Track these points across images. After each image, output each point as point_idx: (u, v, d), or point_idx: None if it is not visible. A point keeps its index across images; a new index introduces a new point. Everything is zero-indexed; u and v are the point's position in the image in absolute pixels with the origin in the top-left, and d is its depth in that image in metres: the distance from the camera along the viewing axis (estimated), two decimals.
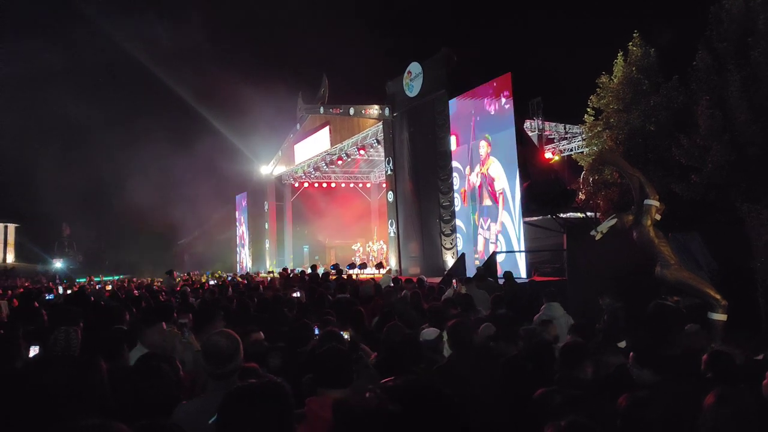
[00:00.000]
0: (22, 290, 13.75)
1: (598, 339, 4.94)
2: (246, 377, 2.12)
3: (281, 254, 26.71)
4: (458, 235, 14.46)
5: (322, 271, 14.62)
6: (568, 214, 12.97)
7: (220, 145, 31.36)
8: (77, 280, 26.79)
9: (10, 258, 43.97)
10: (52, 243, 41.94)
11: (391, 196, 17.75)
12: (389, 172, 17.81)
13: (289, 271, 16.20)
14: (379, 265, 17.82)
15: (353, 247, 24.36)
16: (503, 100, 12.73)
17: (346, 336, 4.09)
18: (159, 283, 16.73)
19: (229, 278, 19.44)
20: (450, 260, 14.52)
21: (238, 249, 31.84)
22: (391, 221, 17.67)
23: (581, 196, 11.67)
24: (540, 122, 18.69)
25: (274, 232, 27.08)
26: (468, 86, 13.89)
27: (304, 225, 27.44)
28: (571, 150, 19.64)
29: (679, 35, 12.39)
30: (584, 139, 16.61)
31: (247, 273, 24.19)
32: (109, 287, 14.65)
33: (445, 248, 14.98)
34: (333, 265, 17.00)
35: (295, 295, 7.19)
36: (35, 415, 2.07)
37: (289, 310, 5.83)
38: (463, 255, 13.47)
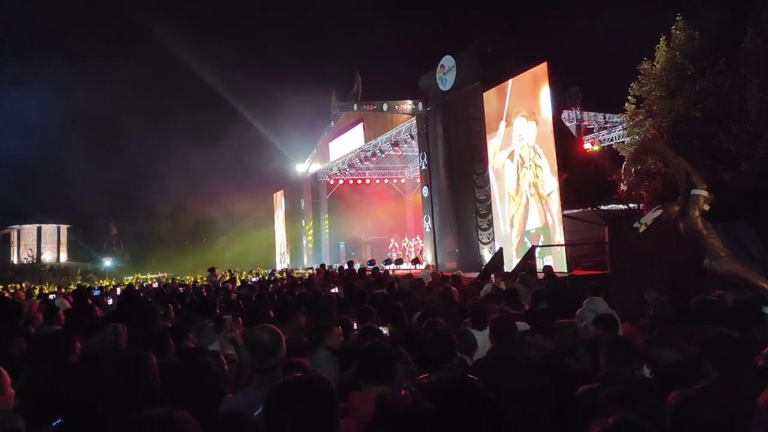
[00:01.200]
0: (74, 287, 14.41)
1: (651, 333, 4.78)
2: (291, 371, 2.16)
3: (318, 251, 27.04)
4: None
5: (359, 267, 14.72)
6: (609, 206, 12.62)
7: (258, 144, 32.13)
8: (125, 278, 27.91)
9: (64, 257, 46.13)
10: (101, 242, 43.80)
11: (426, 191, 17.68)
12: (424, 167, 17.74)
13: (326, 268, 16.38)
14: (415, 261, 17.81)
15: (389, 244, 24.44)
16: (540, 90, 12.46)
17: (385, 331, 4.11)
18: (202, 280, 17.21)
19: (269, 274, 19.81)
20: (487, 255, 14.37)
21: (276, 246, 32.40)
22: (427, 216, 17.61)
23: (623, 187, 11.36)
24: (578, 112, 18.24)
25: (310, 229, 27.44)
26: (503, 77, 13.66)
27: (339, 221, 27.68)
28: (612, 140, 19.11)
29: (726, 17, 11.83)
30: (625, 129, 16.13)
31: (286, 269, 24.60)
32: (155, 285, 15.17)
33: (482, 243, 14.82)
34: (369, 261, 17.12)
35: (333, 291, 7.26)
36: (94, 405, 2.17)
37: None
38: (500, 249, 13.30)
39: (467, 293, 7.51)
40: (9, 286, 23.99)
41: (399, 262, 18.69)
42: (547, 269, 9.15)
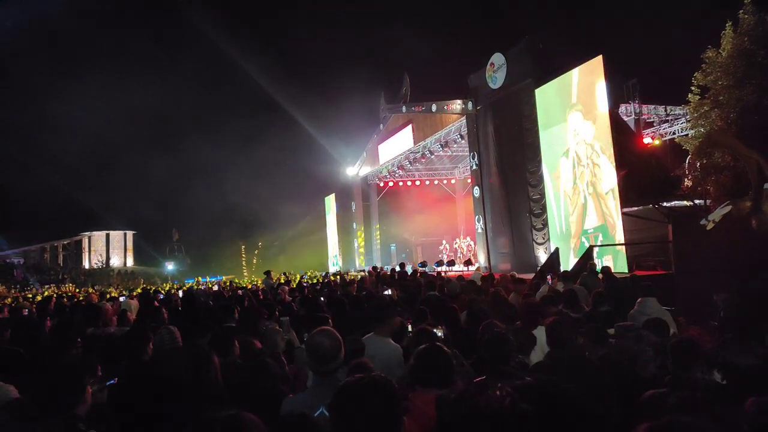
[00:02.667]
0: (140, 290, 15.21)
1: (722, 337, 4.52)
2: (355, 372, 2.20)
3: (369, 253, 27.27)
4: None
5: (410, 269, 14.72)
6: (672, 203, 12.02)
7: (310, 149, 32.88)
8: (186, 281, 29.18)
9: (130, 262, 48.79)
10: (164, 247, 46.02)
11: (477, 191, 17.47)
12: (474, 167, 17.54)
13: (378, 270, 16.49)
14: (468, 262, 17.60)
15: (441, 245, 24.29)
16: (595, 84, 12.05)
17: (439, 333, 4.09)
18: (259, 283, 17.73)
19: (323, 276, 20.16)
20: (542, 255, 14.02)
21: (328, 249, 32.92)
22: (479, 217, 17.40)
23: (687, 182, 10.79)
24: (637, 105, 17.49)
25: (361, 231, 27.71)
26: (556, 73, 13.31)
27: (390, 224, 27.78)
28: (674, 133, 18.22)
29: None
30: (689, 121, 15.31)
31: (339, 272, 24.96)
32: (215, 287, 15.77)
33: (537, 243, 14.47)
34: (421, 263, 17.07)
35: (386, 292, 7.30)
36: (164, 403, 2.29)
37: None
38: (556, 250, 12.95)
39: (521, 295, 7.34)
40: (83, 289, 25.63)
41: (451, 263, 18.53)
42: (606, 270, 8.81)
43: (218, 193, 42.43)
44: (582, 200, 12.64)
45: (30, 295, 18.91)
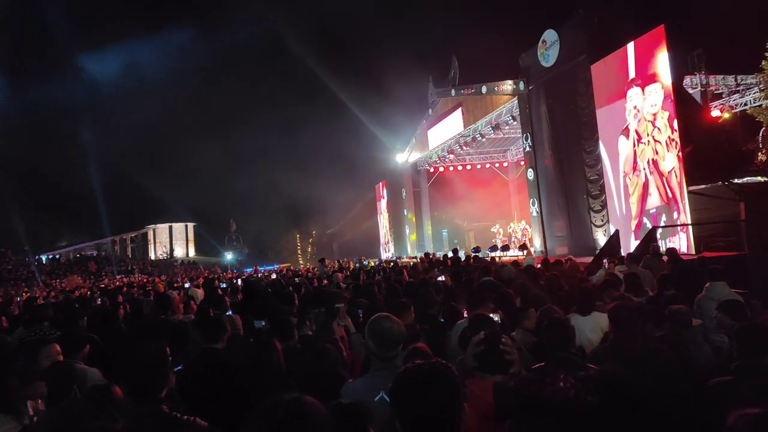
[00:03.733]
0: (202, 279, 15.90)
1: None
2: (413, 358, 2.21)
3: (421, 239, 27.24)
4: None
5: (463, 255, 14.60)
6: (744, 179, 11.26)
7: (360, 137, 33.07)
8: (244, 270, 30.26)
9: (192, 252, 51.07)
10: (223, 238, 47.84)
11: (531, 173, 17.03)
12: (527, 149, 17.09)
13: (430, 256, 16.45)
14: (523, 247, 17.23)
15: (492, 229, 23.89)
16: (657, 56, 11.40)
17: (496, 318, 4.04)
18: (314, 271, 18.13)
19: (376, 263, 20.36)
20: (602, 238, 13.53)
21: (380, 236, 33.16)
22: (533, 200, 16.97)
23: (761, 156, 10.04)
24: (703, 77, 16.43)
25: (413, 218, 27.69)
26: (613, 47, 12.67)
27: (441, 209, 27.60)
28: (745, 104, 17.04)
29: None
30: (762, 90, 14.24)
31: (394, 259, 25.10)
32: (273, 276, 16.24)
33: (596, 225, 13.97)
34: (474, 249, 16.89)
35: (440, 279, 7.28)
36: (235, 386, 2.39)
37: (435, 293, 5.92)
38: (616, 232, 12.46)
39: (575, 280, 7.11)
40: (150, 279, 27.11)
41: (505, 248, 18.21)
42: (671, 252, 8.40)
43: (272, 184, 43.55)
44: (642, 179, 12.06)
45: (103, 285, 20.20)
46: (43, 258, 37.15)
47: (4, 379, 2.59)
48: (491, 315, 4.02)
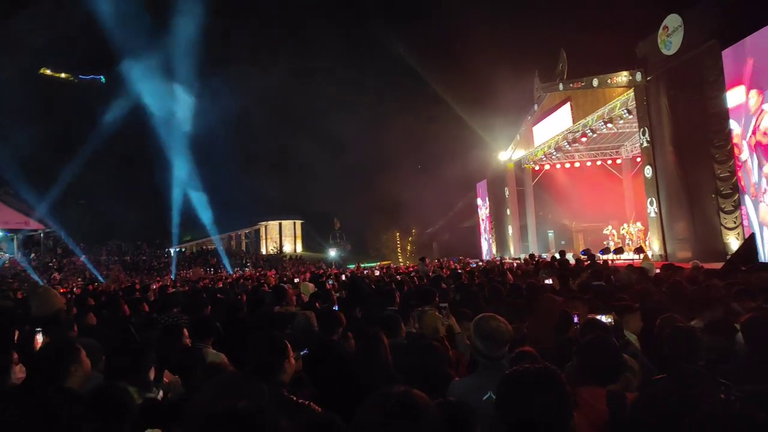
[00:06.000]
0: (309, 275, 16.72)
1: None
2: (520, 360, 2.17)
3: (525, 240, 26.34)
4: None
5: (571, 258, 13.89)
6: None
7: (461, 134, 32.77)
8: (347, 266, 31.32)
9: (299, 248, 53.87)
10: (327, 235, 49.90)
11: (648, 171, 15.76)
12: (645, 144, 15.84)
13: (535, 258, 15.86)
14: (639, 250, 16.01)
15: (605, 230, 22.41)
16: None
17: (608, 320, 3.82)
18: (414, 269, 18.29)
19: (476, 264, 20.06)
20: (734, 242, 12.16)
21: (481, 236, 32.59)
22: (651, 199, 15.69)
23: None
24: None
25: (516, 217, 26.87)
26: (749, 29, 11.31)
27: (547, 209, 26.49)
28: None
29: None
30: None
31: (496, 260, 24.56)
32: (376, 272, 16.63)
33: (726, 228, 12.57)
34: (584, 251, 16.02)
35: (547, 282, 7.01)
36: (347, 377, 2.51)
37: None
38: (752, 236, 11.13)
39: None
40: (261, 272, 29.04)
41: (619, 251, 17.05)
42: None
43: (374, 183, 44.56)
44: None
45: (222, 277, 22.01)
46: (171, 251, 41.28)
47: (141, 355, 2.87)
48: (603, 318, 3.82)
